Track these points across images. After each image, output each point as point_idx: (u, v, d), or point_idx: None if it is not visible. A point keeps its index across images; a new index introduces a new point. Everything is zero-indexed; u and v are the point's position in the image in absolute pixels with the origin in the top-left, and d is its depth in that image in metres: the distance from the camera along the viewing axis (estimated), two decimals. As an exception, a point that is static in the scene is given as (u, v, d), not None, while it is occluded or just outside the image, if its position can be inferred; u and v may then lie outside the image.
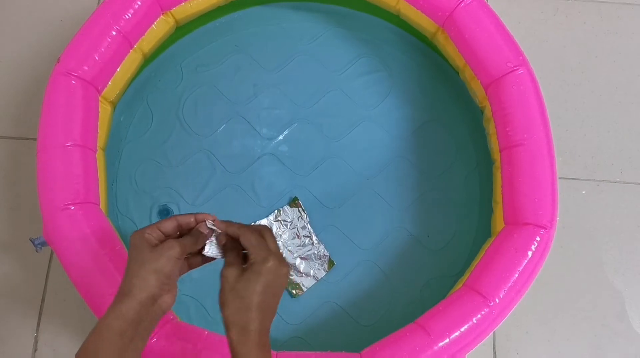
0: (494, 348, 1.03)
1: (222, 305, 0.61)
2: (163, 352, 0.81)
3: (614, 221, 1.10)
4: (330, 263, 1.02)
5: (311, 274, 1.01)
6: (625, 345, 1.04)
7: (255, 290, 0.60)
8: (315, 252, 1.02)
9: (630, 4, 1.21)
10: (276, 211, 1.04)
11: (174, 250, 0.61)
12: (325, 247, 1.03)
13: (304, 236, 1.03)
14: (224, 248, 0.66)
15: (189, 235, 0.65)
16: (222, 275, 0.63)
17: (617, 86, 1.17)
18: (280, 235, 1.03)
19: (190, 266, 0.68)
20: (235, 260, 0.64)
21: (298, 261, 1.02)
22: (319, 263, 1.02)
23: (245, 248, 0.64)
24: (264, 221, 1.03)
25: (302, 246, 1.03)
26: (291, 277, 1.01)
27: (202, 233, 0.66)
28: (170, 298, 0.62)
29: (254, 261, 0.62)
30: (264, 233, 0.65)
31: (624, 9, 1.21)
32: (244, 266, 0.63)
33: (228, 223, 0.67)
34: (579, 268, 1.07)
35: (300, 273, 1.01)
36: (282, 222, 1.03)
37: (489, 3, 1.01)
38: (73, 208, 0.85)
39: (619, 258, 1.08)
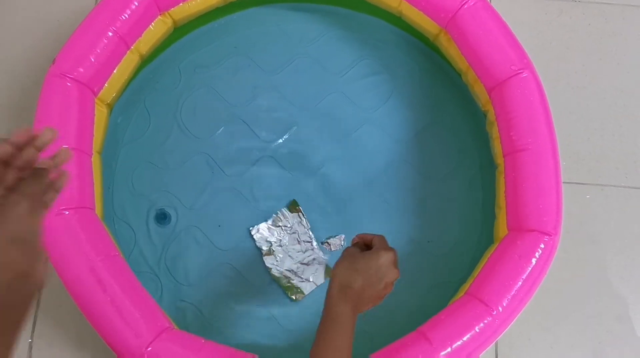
0: (496, 355, 1.02)
1: (336, 265, 0.70)
2: (159, 360, 0.80)
3: (619, 226, 1.09)
4: (328, 270, 1.01)
5: (310, 279, 1.00)
6: (630, 352, 1.03)
7: (368, 263, 0.69)
8: (316, 258, 1.01)
9: (635, 5, 1.20)
10: (275, 215, 1.03)
11: (20, 206, 0.49)
12: (325, 253, 1.01)
13: (304, 241, 1.02)
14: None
15: (30, 177, 0.52)
16: (345, 250, 0.73)
17: (621, 88, 1.16)
18: (281, 240, 1.01)
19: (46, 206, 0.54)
20: (359, 245, 0.75)
21: (299, 266, 1.00)
22: (318, 269, 1.01)
23: (372, 244, 0.73)
24: (263, 226, 1.02)
25: (303, 251, 1.01)
26: (292, 281, 1.00)
27: (44, 170, 0.52)
28: (43, 267, 0.51)
29: (377, 248, 0.71)
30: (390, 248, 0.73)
31: (628, 10, 1.20)
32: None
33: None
34: (583, 274, 1.06)
35: (301, 278, 1.00)
36: (283, 227, 1.02)
37: (492, 4, 0.99)
38: (67, 213, 0.84)
39: (624, 263, 1.07)
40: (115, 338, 0.81)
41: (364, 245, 0.75)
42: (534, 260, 0.84)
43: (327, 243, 1.00)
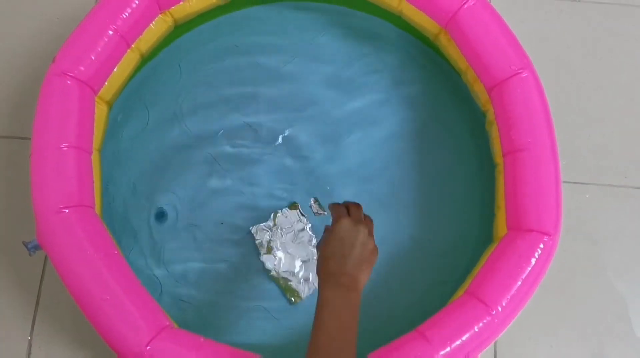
0: (495, 355, 1.02)
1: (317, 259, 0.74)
2: (159, 359, 0.80)
3: (618, 226, 1.09)
4: None
5: (310, 278, 1.00)
6: (629, 351, 1.03)
7: (331, 239, 0.72)
8: (315, 257, 1.01)
9: (636, 5, 1.20)
10: (274, 215, 1.03)
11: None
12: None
13: (303, 241, 1.02)
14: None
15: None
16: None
17: (621, 88, 1.16)
18: (280, 240, 1.01)
19: None
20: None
21: (298, 264, 1.00)
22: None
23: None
24: (262, 225, 1.02)
25: (302, 250, 1.01)
26: (290, 283, 1.00)
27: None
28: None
29: (333, 221, 0.74)
30: (350, 206, 0.77)
31: (628, 10, 1.20)
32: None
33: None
34: (582, 273, 1.06)
35: (300, 278, 1.00)
36: (282, 226, 1.02)
37: (492, 4, 0.99)
38: (67, 211, 0.84)
39: (623, 262, 1.07)
40: (115, 337, 0.81)
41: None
42: (533, 260, 0.84)
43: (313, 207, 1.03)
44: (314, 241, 1.02)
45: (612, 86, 1.16)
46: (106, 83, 0.94)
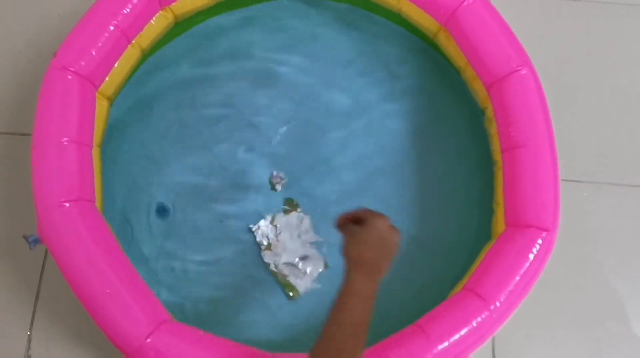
0: (493, 351, 1.02)
1: (344, 247, 0.73)
2: (158, 352, 0.80)
3: (616, 224, 1.09)
4: (325, 266, 1.01)
5: (308, 272, 1.00)
6: (626, 349, 1.03)
7: (370, 233, 0.73)
8: (314, 254, 1.01)
9: (635, 4, 1.20)
10: (274, 212, 1.03)
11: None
12: (323, 249, 1.02)
13: (303, 238, 1.02)
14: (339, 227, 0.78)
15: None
16: (344, 231, 0.76)
17: (620, 87, 1.16)
18: (280, 237, 1.02)
19: None
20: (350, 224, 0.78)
21: (297, 260, 1.01)
22: (316, 264, 1.01)
23: (363, 217, 0.75)
24: (263, 223, 1.02)
25: (301, 246, 1.01)
26: (288, 278, 1.00)
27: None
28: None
29: (371, 218, 0.74)
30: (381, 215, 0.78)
31: (628, 10, 1.20)
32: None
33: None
34: (580, 271, 1.06)
35: (299, 274, 1.00)
36: (282, 224, 1.02)
37: (491, 2, 1.00)
38: (68, 205, 0.84)
39: (620, 261, 1.07)
40: (114, 331, 0.81)
41: (354, 223, 0.78)
42: (531, 255, 0.85)
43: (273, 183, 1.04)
44: (313, 238, 1.02)
45: (610, 85, 1.16)
46: (107, 78, 0.95)
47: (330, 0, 1.13)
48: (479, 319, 0.82)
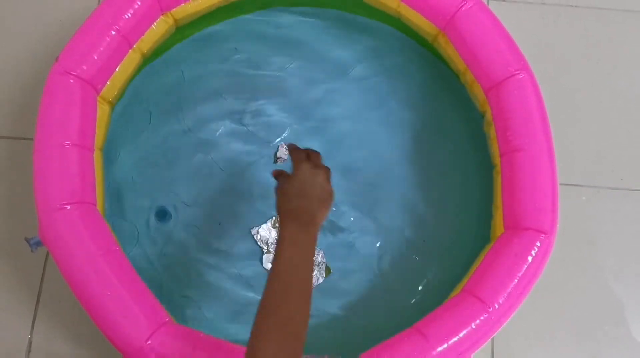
0: (493, 353, 1.02)
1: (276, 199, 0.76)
2: (159, 354, 0.80)
3: (614, 228, 1.09)
4: (327, 271, 1.01)
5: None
6: (625, 352, 1.04)
7: (292, 181, 0.76)
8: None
9: (632, 10, 1.21)
10: (274, 216, 1.03)
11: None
12: (324, 252, 1.02)
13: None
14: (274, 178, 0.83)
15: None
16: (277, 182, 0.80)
17: (618, 92, 1.17)
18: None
19: None
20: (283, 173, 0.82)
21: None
22: (317, 270, 1.01)
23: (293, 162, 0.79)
24: (263, 227, 1.03)
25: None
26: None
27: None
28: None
29: (295, 165, 0.77)
30: (310, 152, 0.81)
31: (624, 16, 1.21)
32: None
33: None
34: (579, 275, 1.07)
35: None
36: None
37: (490, 7, 1.00)
38: (69, 208, 0.84)
39: (619, 264, 1.08)
40: (115, 332, 0.81)
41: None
42: (530, 258, 0.85)
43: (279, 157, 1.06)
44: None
45: (608, 90, 1.17)
46: (108, 83, 0.95)
47: (330, 8, 1.14)
48: (477, 321, 0.82)
